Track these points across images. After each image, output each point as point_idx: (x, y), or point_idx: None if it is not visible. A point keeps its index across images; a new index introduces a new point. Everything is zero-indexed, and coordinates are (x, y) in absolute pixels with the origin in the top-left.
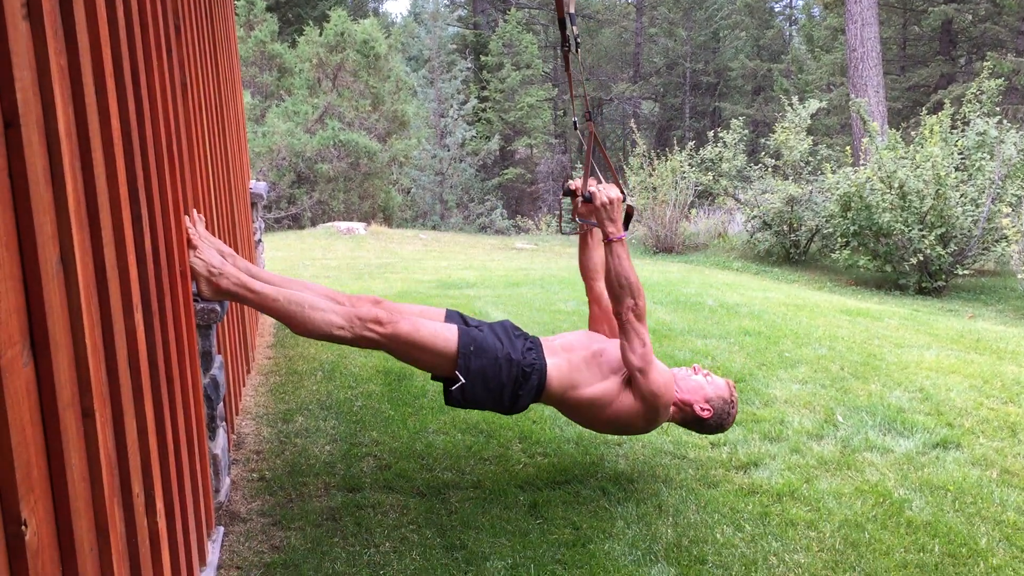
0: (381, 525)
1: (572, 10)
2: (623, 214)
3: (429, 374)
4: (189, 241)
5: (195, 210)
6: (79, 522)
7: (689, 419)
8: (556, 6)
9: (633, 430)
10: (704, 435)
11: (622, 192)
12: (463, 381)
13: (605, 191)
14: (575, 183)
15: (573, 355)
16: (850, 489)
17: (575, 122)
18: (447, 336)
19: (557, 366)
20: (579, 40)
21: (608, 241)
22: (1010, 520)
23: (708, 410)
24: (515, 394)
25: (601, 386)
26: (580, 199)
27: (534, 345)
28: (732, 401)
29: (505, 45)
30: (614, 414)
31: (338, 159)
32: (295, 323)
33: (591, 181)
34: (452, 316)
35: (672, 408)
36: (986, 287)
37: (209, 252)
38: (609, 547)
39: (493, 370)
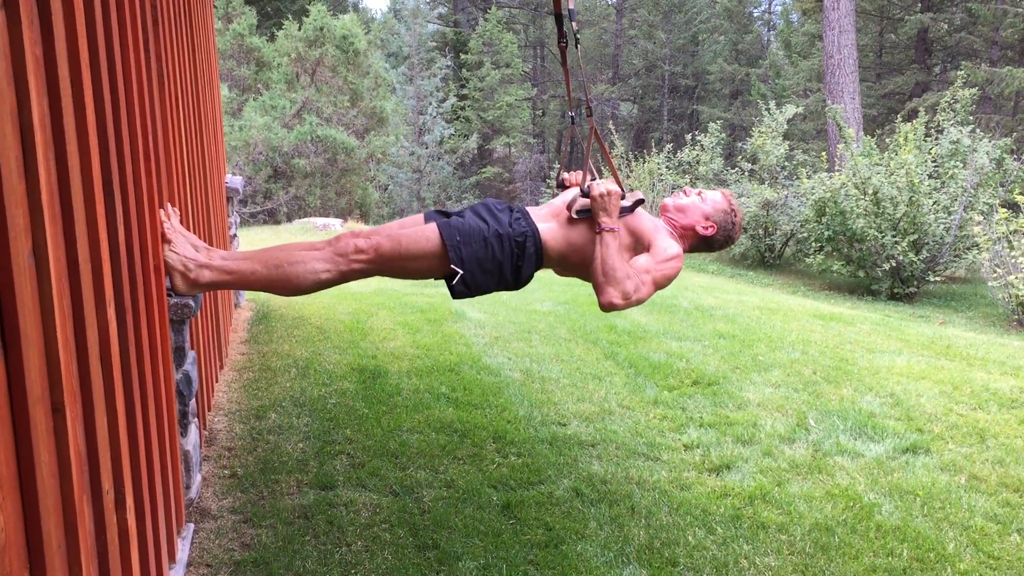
0: (353, 524)
1: (572, 6)
2: (619, 209)
3: (406, 365)
4: (163, 235)
5: (169, 204)
6: (48, 519)
7: (696, 243)
8: (554, 2)
9: None
10: (716, 251)
11: (620, 187)
12: (461, 272)
13: (604, 183)
14: (568, 176)
15: (561, 217)
16: (821, 493)
17: (572, 117)
18: (428, 236)
19: (550, 228)
20: (579, 35)
21: (600, 230)
22: (978, 526)
23: (711, 227)
24: (515, 267)
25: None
26: (580, 194)
27: (521, 214)
28: (733, 210)
29: (485, 43)
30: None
31: (315, 155)
32: (280, 285)
33: (588, 175)
34: (431, 216)
35: (680, 243)
36: (957, 294)
37: (184, 246)
38: (582, 548)
39: (485, 252)
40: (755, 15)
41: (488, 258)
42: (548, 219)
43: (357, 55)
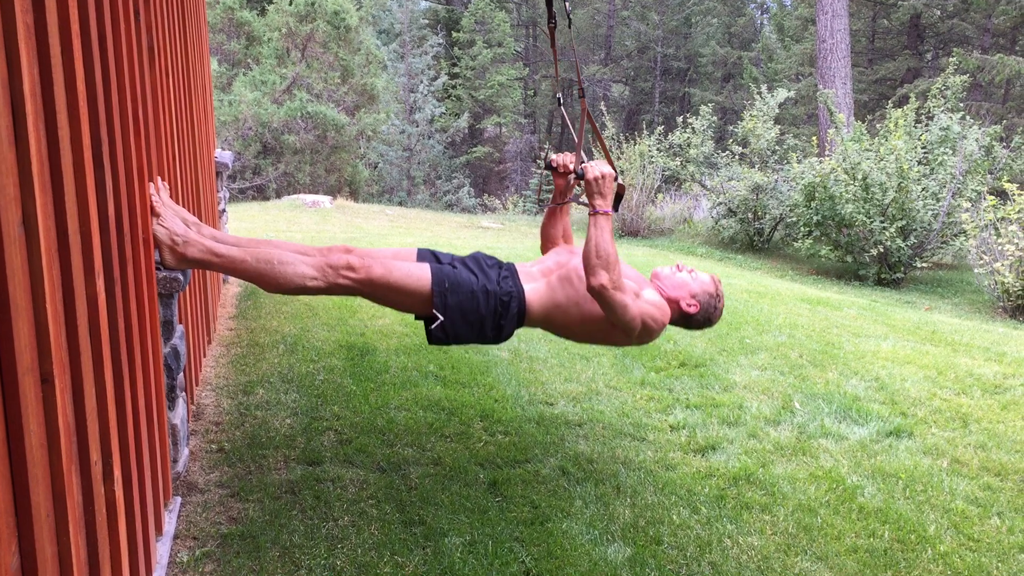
0: (340, 499)
1: None
2: (613, 192)
3: (395, 343)
4: (152, 209)
5: (159, 178)
6: (36, 489)
7: (676, 317)
8: None
9: (622, 344)
10: (693, 331)
11: (614, 169)
12: (441, 319)
13: (598, 166)
14: (556, 158)
15: (551, 277)
16: (804, 474)
17: (559, 99)
18: (420, 275)
19: (535, 289)
20: (571, 15)
21: (594, 213)
22: (958, 508)
23: (694, 305)
24: (497, 324)
25: (586, 305)
26: (572, 176)
27: (510, 272)
28: (718, 295)
29: (477, 22)
30: (605, 334)
31: (305, 131)
32: (266, 281)
33: (571, 158)
34: (424, 255)
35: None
36: (943, 280)
37: (173, 220)
38: (567, 526)
39: (470, 304)
40: None
41: (472, 310)
42: (537, 277)
43: (348, 31)
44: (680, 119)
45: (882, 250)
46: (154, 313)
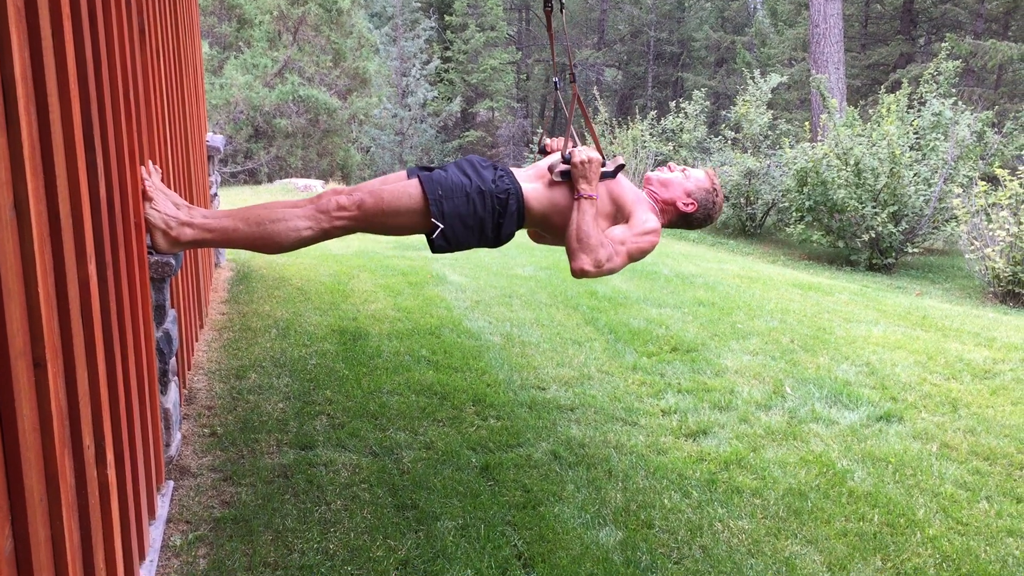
0: (333, 483)
1: None
2: (599, 177)
3: (387, 328)
4: (144, 193)
5: (151, 161)
6: (29, 472)
7: (675, 219)
8: None
9: None
10: (694, 228)
11: (602, 155)
12: (441, 227)
13: (585, 151)
14: (551, 142)
15: (546, 178)
16: (795, 459)
17: (556, 82)
18: (411, 192)
19: (534, 188)
20: (564, 1)
21: (579, 197)
22: (947, 492)
23: (692, 204)
24: (496, 224)
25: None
26: (561, 160)
27: (505, 172)
28: (715, 189)
29: (470, 5)
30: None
31: (297, 115)
32: (262, 243)
33: (570, 142)
34: (413, 171)
35: (659, 217)
36: (934, 265)
37: (165, 204)
38: (559, 510)
39: (467, 207)
40: None
41: (470, 214)
42: (532, 180)
43: (340, 14)
44: (673, 104)
45: (874, 235)
46: (146, 297)
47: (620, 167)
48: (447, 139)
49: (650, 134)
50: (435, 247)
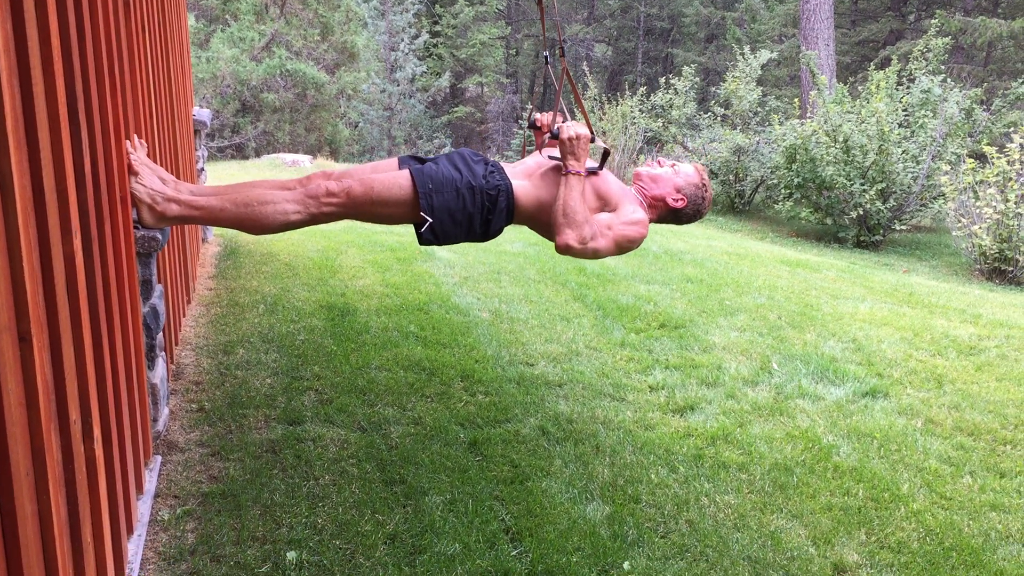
0: (321, 458)
1: None
2: (600, 155)
3: (375, 304)
4: (130, 167)
5: (136, 135)
6: (15, 446)
7: (665, 214)
8: None
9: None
10: (682, 224)
11: (591, 131)
12: (430, 220)
13: (573, 127)
14: (540, 117)
15: (534, 176)
16: (781, 434)
17: (546, 57)
18: (401, 183)
19: (523, 186)
20: None
21: (566, 172)
22: (932, 467)
23: (681, 199)
24: (485, 220)
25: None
26: (548, 135)
27: (496, 168)
28: (704, 185)
29: None
30: None
31: (284, 89)
32: (249, 224)
33: (559, 117)
34: (404, 161)
35: (648, 213)
36: (921, 243)
37: (151, 179)
38: (547, 485)
39: (457, 202)
40: None
41: (459, 209)
42: (522, 177)
43: None
44: (663, 80)
45: (861, 212)
46: (132, 272)
47: (606, 155)
48: (436, 115)
49: (639, 110)
50: (423, 240)
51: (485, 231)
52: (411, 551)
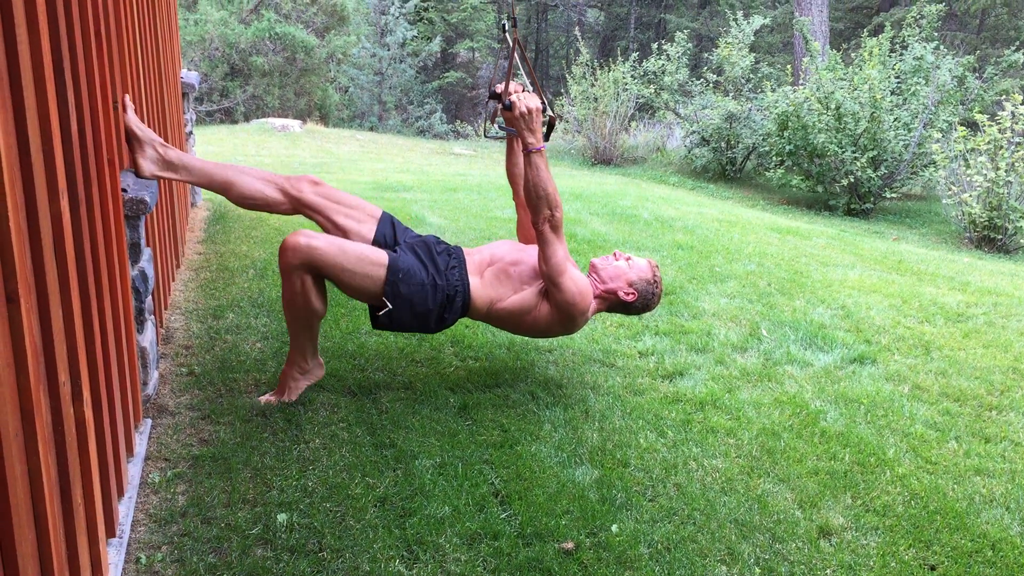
0: (311, 422)
1: None
2: (544, 125)
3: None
4: (128, 129)
5: (126, 96)
6: (4, 407)
7: (615, 305)
8: None
9: (553, 334)
10: (632, 316)
11: (543, 102)
12: (390, 307)
13: (525, 101)
14: (500, 87)
15: (493, 268)
16: (769, 400)
17: (504, 25)
18: (375, 258)
19: (478, 285)
20: None
21: (527, 151)
22: (917, 432)
23: (632, 294)
24: (441, 317)
25: (518, 297)
26: (501, 106)
27: (458, 262)
28: (655, 280)
29: None
30: (532, 321)
31: (274, 52)
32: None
33: (515, 87)
34: (385, 221)
35: (595, 303)
36: (912, 211)
37: (148, 132)
38: (536, 449)
39: (420, 297)
40: None
41: (420, 303)
42: (476, 272)
43: None
44: (655, 46)
45: (853, 180)
46: (120, 235)
47: (551, 126)
48: (427, 80)
49: (632, 76)
50: (377, 323)
51: (439, 325)
52: (401, 514)
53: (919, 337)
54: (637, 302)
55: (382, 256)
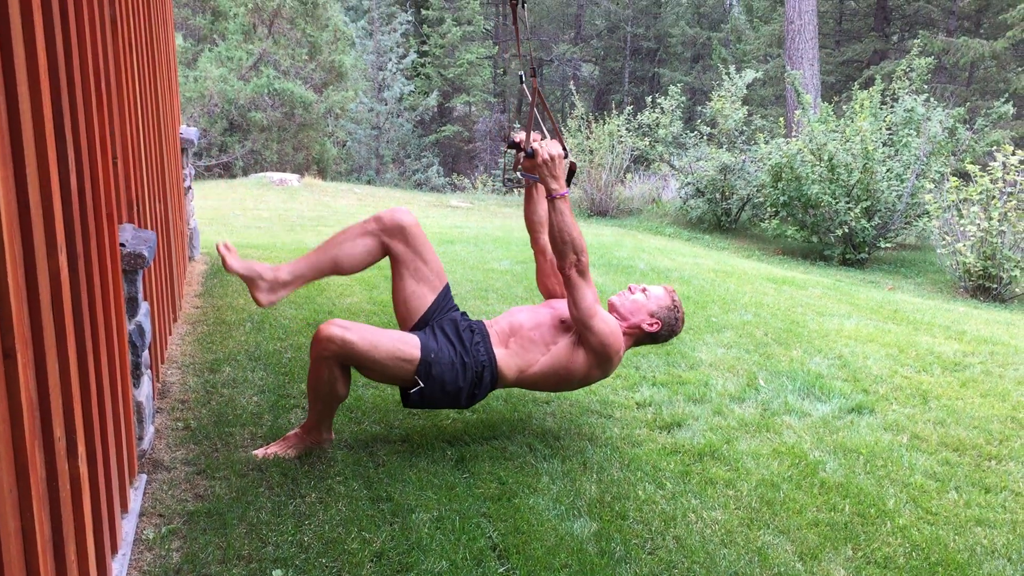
0: (308, 476)
1: None
2: (566, 171)
3: (363, 322)
4: (224, 263)
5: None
6: None
7: (642, 338)
8: None
9: (593, 379)
10: (659, 344)
11: (564, 149)
12: (422, 385)
13: (547, 147)
14: (520, 136)
15: (517, 338)
16: (768, 450)
17: (521, 76)
18: (410, 339)
19: (505, 356)
20: None
21: (551, 198)
22: (917, 483)
23: (655, 323)
24: (471, 394)
25: (549, 357)
26: (523, 154)
27: (481, 337)
28: (676, 305)
29: (446, 0)
30: (569, 373)
31: (272, 108)
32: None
33: (534, 136)
34: (444, 293)
35: (624, 340)
36: (906, 260)
37: (253, 267)
38: (534, 501)
39: (451, 375)
40: None
41: (451, 381)
42: (504, 340)
43: (316, 7)
44: (649, 99)
45: (847, 230)
46: (118, 289)
47: (572, 171)
48: (424, 133)
49: (626, 129)
50: (408, 401)
51: (470, 402)
52: (398, 569)
53: (916, 386)
54: (663, 330)
55: (414, 346)
